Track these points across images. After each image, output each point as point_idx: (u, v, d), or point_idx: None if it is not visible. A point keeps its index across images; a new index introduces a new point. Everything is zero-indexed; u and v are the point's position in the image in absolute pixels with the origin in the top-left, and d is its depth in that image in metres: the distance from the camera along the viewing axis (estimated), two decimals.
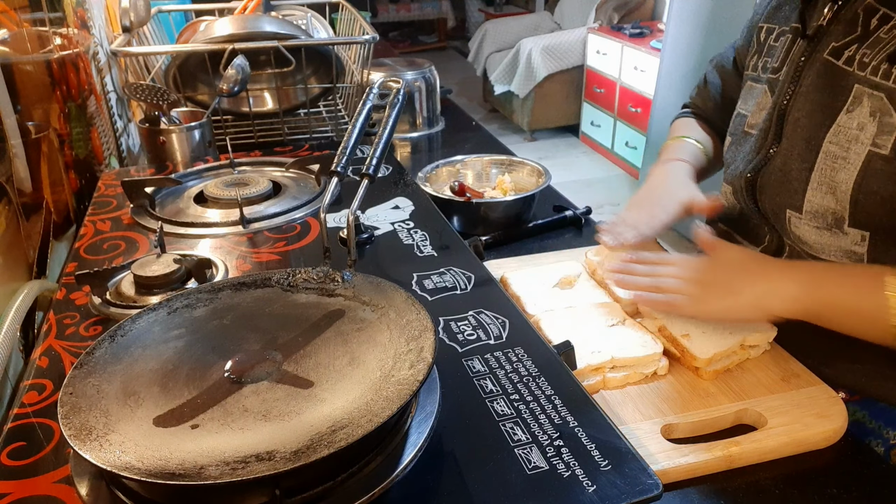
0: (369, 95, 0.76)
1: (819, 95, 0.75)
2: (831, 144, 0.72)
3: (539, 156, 4.10)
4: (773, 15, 0.88)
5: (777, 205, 0.80)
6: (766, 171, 0.81)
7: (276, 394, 0.51)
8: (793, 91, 0.79)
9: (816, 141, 0.74)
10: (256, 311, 0.61)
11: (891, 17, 0.70)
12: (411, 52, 6.23)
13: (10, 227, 0.78)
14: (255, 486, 0.44)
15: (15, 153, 0.83)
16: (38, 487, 0.49)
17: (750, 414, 0.67)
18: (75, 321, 0.69)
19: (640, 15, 4.16)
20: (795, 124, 0.78)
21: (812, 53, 0.77)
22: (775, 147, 0.80)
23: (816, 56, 0.76)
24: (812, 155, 0.74)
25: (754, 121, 0.86)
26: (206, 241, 0.86)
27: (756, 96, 0.87)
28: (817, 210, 0.74)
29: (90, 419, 0.47)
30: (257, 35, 1.28)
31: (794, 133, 0.78)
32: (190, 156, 1.18)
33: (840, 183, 0.71)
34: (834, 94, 0.73)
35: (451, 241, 0.85)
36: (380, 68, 1.60)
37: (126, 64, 1.33)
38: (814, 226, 0.75)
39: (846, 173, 0.71)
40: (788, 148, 0.78)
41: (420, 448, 0.50)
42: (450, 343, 0.65)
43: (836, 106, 0.73)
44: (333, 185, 0.71)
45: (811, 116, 0.75)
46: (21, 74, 0.90)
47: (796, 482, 0.61)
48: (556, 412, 0.55)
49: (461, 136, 1.64)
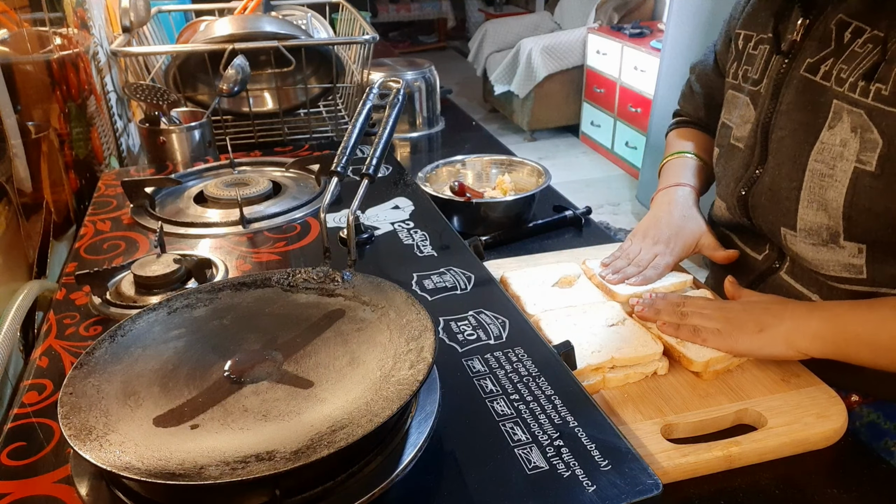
0: (369, 95, 0.76)
1: (800, 113, 0.74)
2: (817, 163, 0.71)
3: (539, 156, 4.10)
4: (749, 22, 0.86)
5: (771, 223, 0.79)
6: (756, 190, 0.80)
7: (276, 394, 0.51)
8: (773, 108, 0.78)
9: (802, 159, 0.73)
10: (256, 311, 0.61)
11: (864, 29, 0.68)
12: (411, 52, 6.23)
13: (10, 227, 0.78)
14: (255, 486, 0.44)
15: (15, 153, 0.83)
16: (38, 487, 0.49)
17: (750, 414, 0.67)
18: (75, 321, 0.69)
19: (640, 15, 4.16)
20: (780, 143, 0.77)
21: (789, 70, 0.76)
22: (762, 167, 0.80)
23: (793, 73, 0.76)
24: (799, 173, 0.73)
25: (740, 133, 0.85)
26: (206, 241, 0.86)
27: (739, 107, 0.85)
28: (811, 227, 0.73)
29: (90, 419, 0.47)
30: (257, 35, 1.28)
31: (780, 151, 0.77)
32: (190, 156, 1.18)
33: (831, 200, 0.70)
34: (815, 110, 0.72)
35: (451, 241, 0.85)
36: (380, 68, 1.61)
37: (126, 64, 1.33)
38: (809, 242, 0.74)
39: (835, 191, 0.70)
40: (775, 167, 0.78)
41: (420, 448, 0.49)
42: (450, 343, 0.65)
43: (817, 123, 0.72)
44: (333, 185, 0.71)
45: (794, 135, 0.75)
46: (21, 74, 0.90)
47: (796, 482, 0.61)
48: (556, 412, 0.55)
49: (461, 136, 1.64)
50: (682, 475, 0.61)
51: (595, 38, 3.94)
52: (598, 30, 3.99)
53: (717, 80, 0.99)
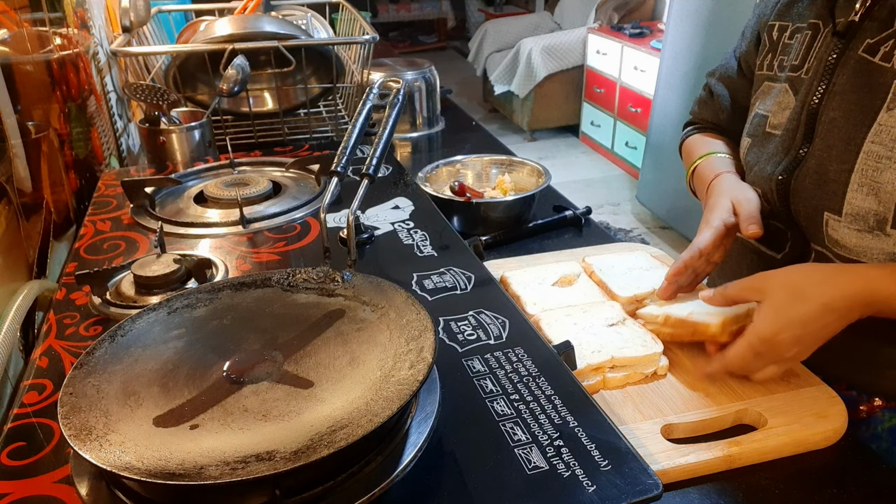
0: (369, 95, 0.76)
1: (856, 94, 0.73)
2: (873, 144, 0.70)
3: (539, 156, 4.10)
4: (784, 13, 0.86)
5: (813, 208, 0.77)
6: (800, 173, 0.79)
7: (276, 394, 0.51)
8: (824, 90, 0.76)
9: (856, 141, 0.72)
10: (256, 311, 0.61)
11: None
12: (411, 52, 6.23)
13: (10, 227, 0.78)
14: (255, 486, 0.44)
15: (15, 153, 0.83)
16: (38, 487, 0.49)
17: (750, 414, 0.67)
18: (75, 321, 0.69)
19: (640, 15, 4.16)
20: (831, 124, 0.75)
21: (844, 51, 0.75)
22: (805, 148, 0.78)
23: (849, 54, 0.74)
24: (852, 156, 0.72)
25: (777, 121, 0.83)
26: (206, 241, 0.86)
27: (776, 95, 0.84)
28: (858, 212, 0.72)
29: (90, 419, 0.47)
30: (257, 35, 1.28)
31: (830, 133, 0.75)
32: (190, 156, 1.18)
33: (885, 184, 0.70)
34: (872, 92, 0.71)
35: (451, 241, 0.85)
36: (380, 68, 1.61)
37: (126, 64, 1.33)
38: (854, 228, 0.73)
39: (891, 173, 0.69)
40: (823, 149, 0.76)
41: (420, 448, 0.49)
42: (450, 343, 0.65)
43: (875, 105, 0.71)
44: (333, 185, 0.71)
45: (849, 116, 0.73)
46: (21, 74, 0.90)
47: (796, 482, 0.61)
48: (556, 412, 0.55)
49: (461, 136, 1.64)
50: (682, 475, 0.61)
51: (595, 38, 3.94)
52: (598, 30, 3.99)
53: (741, 81, 0.98)
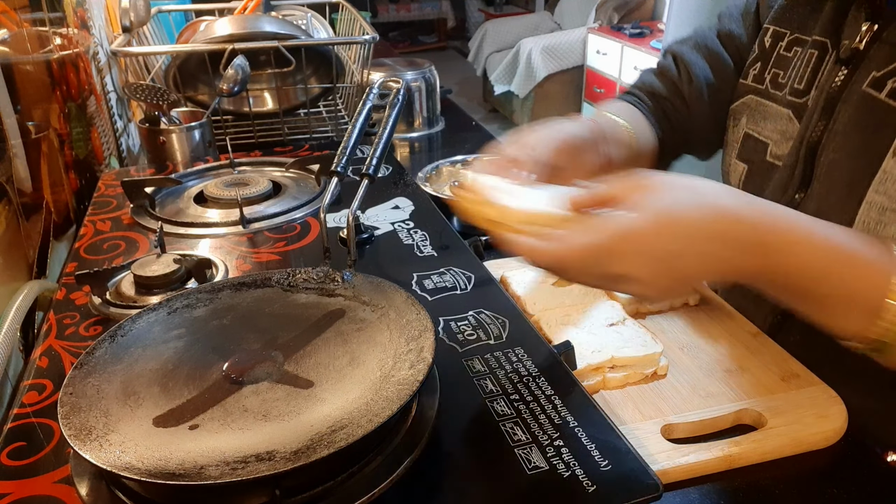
0: (369, 95, 0.76)
1: (859, 136, 0.63)
2: (877, 194, 0.61)
3: None
4: (782, 16, 0.75)
5: None
6: None
7: (276, 394, 0.51)
8: (825, 126, 0.67)
9: (859, 189, 0.62)
10: (256, 311, 0.61)
11: None
12: (411, 52, 6.23)
13: (10, 227, 0.78)
14: (255, 486, 0.44)
15: (15, 153, 0.83)
16: (38, 487, 0.49)
17: (750, 414, 0.67)
18: (75, 321, 0.69)
19: (640, 15, 4.15)
20: (831, 167, 0.66)
21: (848, 83, 0.65)
22: (803, 191, 0.69)
23: (853, 87, 0.64)
24: (854, 204, 0.63)
25: (780, 151, 0.73)
26: (206, 241, 0.86)
27: (776, 121, 0.74)
28: None
29: (90, 419, 0.47)
30: (257, 35, 1.28)
31: (830, 176, 0.66)
32: (190, 156, 1.18)
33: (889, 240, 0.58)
34: (877, 133, 0.61)
35: (451, 241, 0.85)
36: (380, 68, 1.60)
37: (126, 64, 1.33)
38: None
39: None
40: (823, 194, 0.67)
41: (420, 448, 0.50)
42: (450, 343, 0.65)
43: (880, 148, 0.61)
44: (333, 185, 0.71)
45: (850, 159, 0.64)
46: (21, 74, 0.90)
47: (796, 482, 0.61)
48: (556, 412, 0.55)
49: (461, 136, 1.64)
50: (682, 475, 0.61)
51: (595, 38, 3.94)
52: (598, 30, 3.99)
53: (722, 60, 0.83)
